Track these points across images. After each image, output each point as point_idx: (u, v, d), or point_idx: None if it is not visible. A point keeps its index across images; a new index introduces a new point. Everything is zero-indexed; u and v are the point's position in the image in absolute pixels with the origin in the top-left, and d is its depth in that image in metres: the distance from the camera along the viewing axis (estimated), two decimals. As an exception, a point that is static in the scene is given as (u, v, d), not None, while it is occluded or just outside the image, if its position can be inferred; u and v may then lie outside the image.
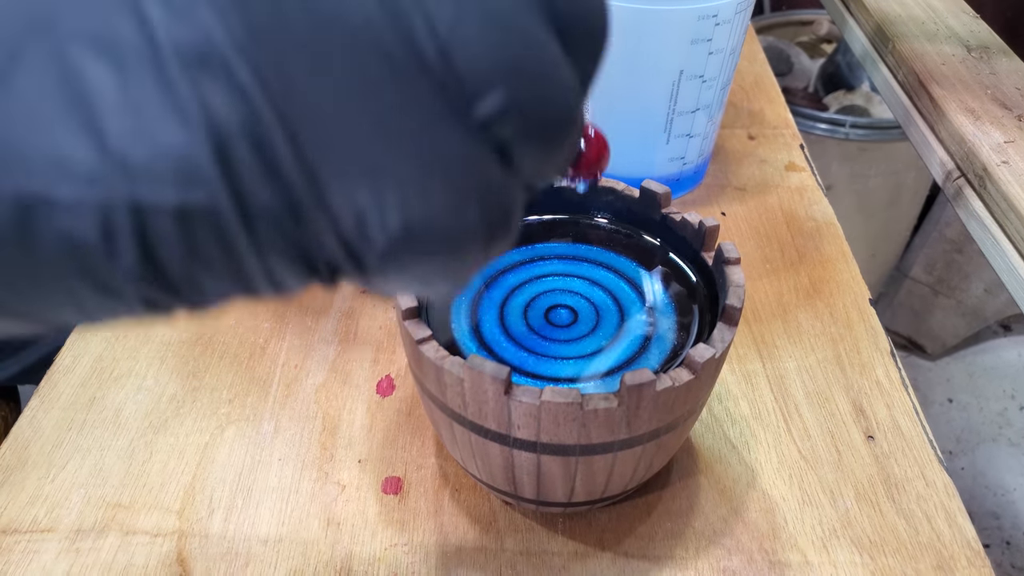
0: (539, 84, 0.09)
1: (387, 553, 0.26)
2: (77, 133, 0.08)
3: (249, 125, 0.08)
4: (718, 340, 0.21)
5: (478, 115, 0.09)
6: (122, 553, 0.26)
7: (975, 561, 0.26)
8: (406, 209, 0.09)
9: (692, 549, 0.26)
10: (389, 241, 0.09)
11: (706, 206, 0.41)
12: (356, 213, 0.09)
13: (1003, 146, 0.37)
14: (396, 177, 0.09)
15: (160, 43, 0.08)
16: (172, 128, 0.08)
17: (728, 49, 0.36)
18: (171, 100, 0.08)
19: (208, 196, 0.08)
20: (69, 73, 0.08)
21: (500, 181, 0.10)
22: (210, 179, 0.08)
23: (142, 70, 0.08)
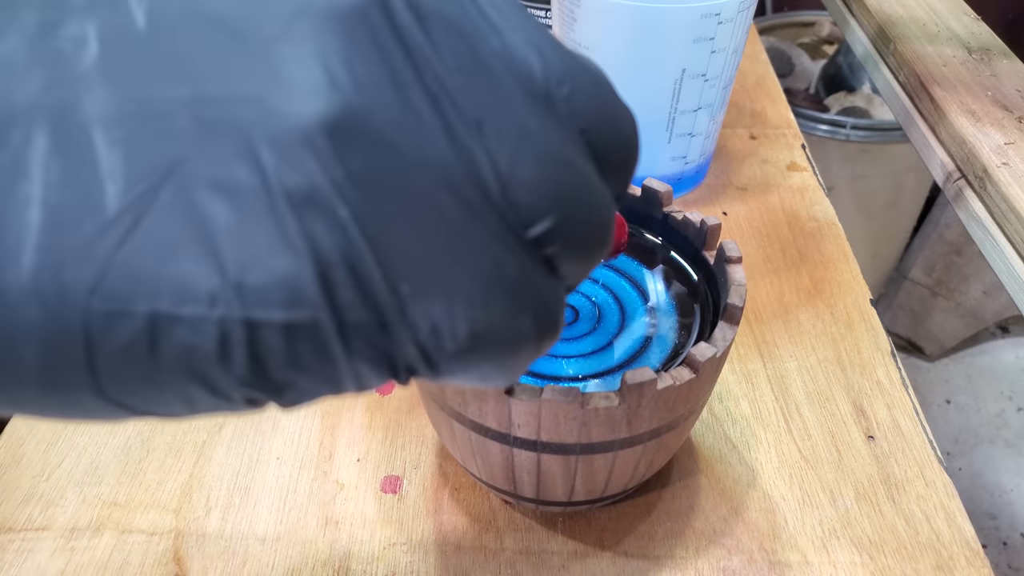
0: (581, 208, 0.11)
1: (386, 552, 0.26)
2: (201, 262, 0.09)
3: (346, 253, 0.09)
4: (719, 339, 0.21)
5: (530, 236, 0.11)
6: (118, 552, 0.26)
7: (974, 561, 0.26)
8: (472, 321, 0.10)
9: (692, 549, 0.26)
10: (458, 347, 0.10)
11: (708, 205, 0.41)
12: (432, 325, 0.10)
13: (1003, 148, 0.37)
14: (464, 293, 0.10)
15: (272, 186, 0.09)
16: (282, 257, 0.09)
17: (730, 48, 0.35)
18: (281, 234, 0.09)
19: (311, 314, 0.09)
20: (195, 212, 0.09)
21: (547, 289, 0.11)
22: (314, 300, 0.09)
23: (257, 209, 0.09)
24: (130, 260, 0.09)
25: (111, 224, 0.09)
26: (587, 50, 0.36)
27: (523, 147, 0.10)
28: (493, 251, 0.10)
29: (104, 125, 0.09)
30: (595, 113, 0.12)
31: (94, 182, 0.09)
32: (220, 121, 0.09)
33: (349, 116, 0.09)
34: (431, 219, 0.10)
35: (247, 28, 0.09)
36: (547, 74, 0.11)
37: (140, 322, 0.09)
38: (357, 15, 0.10)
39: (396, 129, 0.10)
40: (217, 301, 0.09)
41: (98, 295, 0.09)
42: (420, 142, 0.10)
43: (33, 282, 0.09)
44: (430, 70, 0.10)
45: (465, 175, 0.10)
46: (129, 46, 0.09)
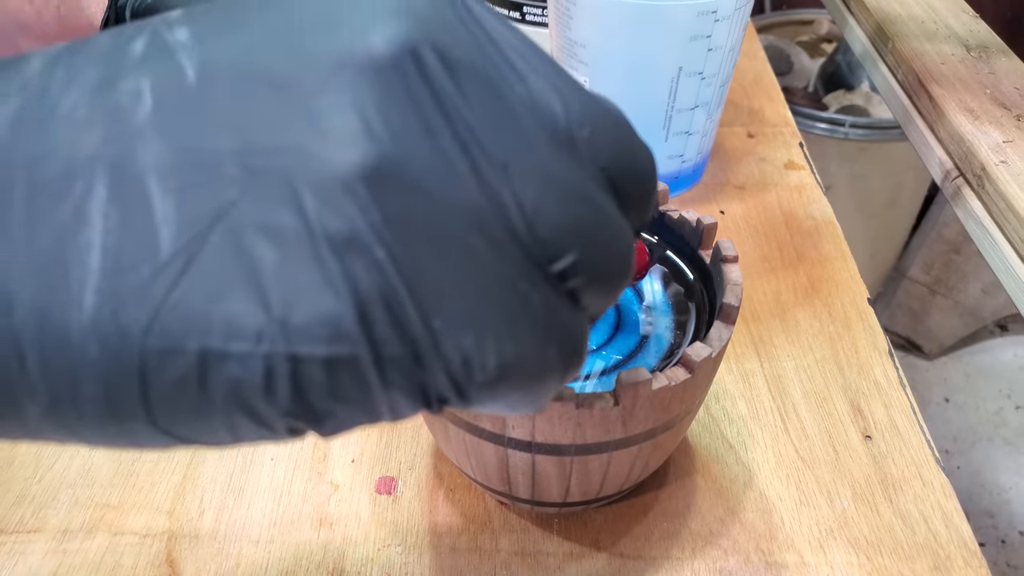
0: (602, 242, 0.12)
1: (380, 554, 0.26)
2: (248, 301, 0.10)
3: (384, 292, 0.10)
4: (715, 339, 0.21)
5: (555, 270, 0.11)
6: (110, 554, 0.26)
7: (971, 561, 0.26)
8: (501, 352, 0.11)
9: (688, 549, 0.26)
10: (487, 378, 0.11)
11: (705, 204, 0.41)
12: (463, 357, 0.11)
13: (1002, 146, 0.37)
14: (493, 327, 0.11)
15: (315, 229, 0.10)
16: (324, 296, 0.10)
17: (728, 46, 0.35)
18: (323, 274, 0.10)
19: (351, 349, 0.10)
20: (243, 254, 0.10)
21: (572, 320, 0.12)
22: (353, 336, 0.10)
23: (301, 250, 0.10)
24: (183, 300, 0.10)
25: (165, 267, 0.10)
26: (583, 48, 0.36)
27: (547, 187, 0.11)
28: (520, 286, 0.11)
29: (158, 174, 0.10)
30: (614, 152, 0.12)
31: (149, 228, 0.10)
32: (266, 169, 0.10)
33: (385, 163, 0.10)
34: (462, 257, 0.10)
35: (290, 81, 0.10)
36: (569, 117, 0.12)
37: (191, 358, 0.10)
38: (392, 67, 0.10)
39: (428, 174, 0.10)
40: (263, 337, 0.10)
41: (153, 333, 0.10)
42: (451, 185, 0.10)
43: (93, 321, 0.10)
44: (459, 118, 0.11)
45: (493, 215, 0.11)
46: (181, 99, 0.10)
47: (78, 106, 0.10)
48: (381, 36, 0.10)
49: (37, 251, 0.10)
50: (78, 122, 0.10)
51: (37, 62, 0.11)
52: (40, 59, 0.11)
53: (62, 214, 0.10)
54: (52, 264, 0.10)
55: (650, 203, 0.14)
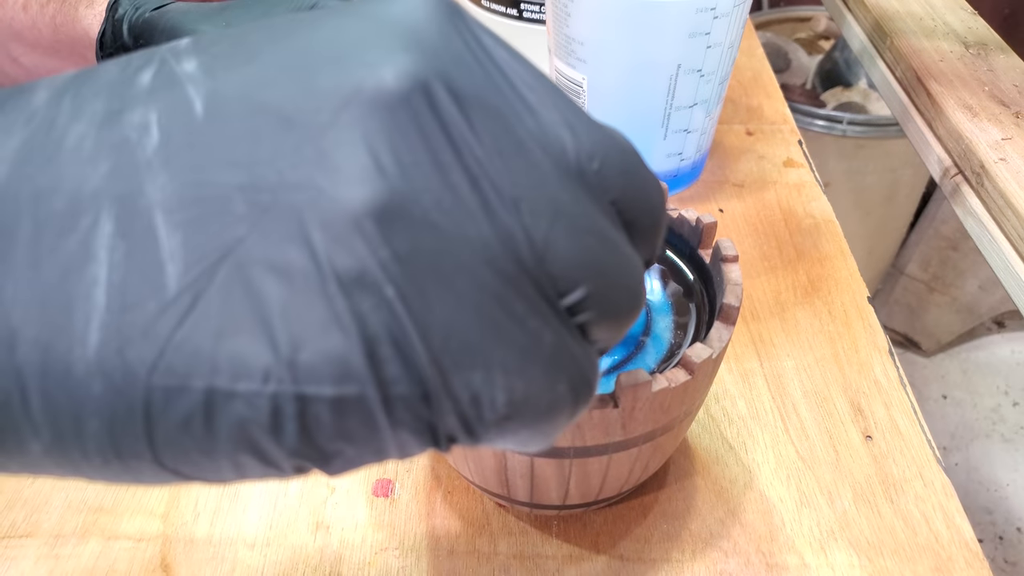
0: (612, 276, 0.12)
1: (377, 557, 0.26)
2: (255, 340, 0.09)
3: (392, 330, 0.10)
4: (715, 340, 0.21)
5: (565, 305, 0.11)
6: (103, 559, 0.26)
7: (973, 563, 0.25)
8: (511, 390, 0.11)
9: (689, 552, 0.26)
10: (497, 416, 0.11)
11: (704, 203, 0.41)
12: (472, 395, 0.10)
13: (1000, 143, 0.37)
14: (503, 364, 0.11)
15: (323, 267, 0.10)
16: (332, 335, 0.10)
17: (726, 43, 0.35)
18: (332, 313, 0.10)
19: (359, 389, 0.10)
20: (250, 291, 0.10)
21: (582, 355, 0.12)
22: (361, 375, 0.10)
23: (309, 289, 0.10)
24: (189, 338, 0.09)
25: (171, 304, 0.09)
26: (581, 45, 0.36)
27: (557, 221, 0.11)
28: (530, 322, 0.11)
29: (165, 209, 0.10)
30: (624, 184, 0.12)
31: (155, 264, 0.10)
32: (274, 205, 0.10)
33: (395, 200, 0.10)
34: (471, 294, 0.10)
35: (299, 115, 0.10)
36: (579, 150, 0.12)
37: (197, 397, 0.10)
38: (402, 102, 0.10)
39: (439, 210, 0.10)
40: (270, 377, 0.10)
41: (159, 372, 0.09)
42: (461, 221, 0.10)
43: (98, 359, 0.09)
44: (470, 152, 0.10)
45: (503, 250, 0.10)
46: (188, 133, 0.10)
47: (85, 139, 0.10)
48: (391, 71, 0.10)
49: (42, 286, 0.09)
50: (84, 155, 0.10)
51: (44, 93, 0.10)
52: (47, 90, 0.11)
53: (68, 249, 0.10)
54: (57, 300, 0.09)
55: (660, 234, 0.13)
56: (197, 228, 0.10)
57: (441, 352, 0.10)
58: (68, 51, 0.27)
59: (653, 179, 0.13)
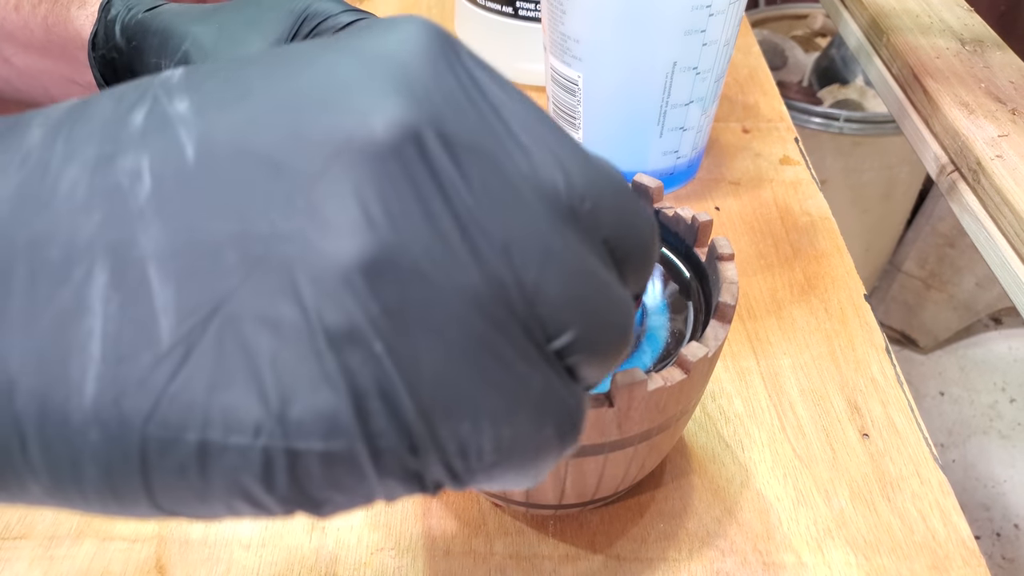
0: (603, 317, 0.12)
1: (373, 558, 0.26)
2: (247, 394, 0.10)
3: (380, 384, 0.10)
4: (711, 338, 0.21)
5: (554, 348, 0.11)
6: (98, 560, 0.25)
7: (970, 560, 0.25)
8: (498, 438, 0.11)
9: (685, 551, 0.26)
10: (484, 464, 0.11)
11: (700, 200, 0.41)
12: (459, 445, 0.11)
13: (997, 140, 0.37)
14: (490, 412, 0.11)
15: (313, 322, 0.10)
16: (321, 391, 0.10)
17: (722, 40, 0.35)
18: (321, 368, 0.10)
19: (347, 443, 0.10)
20: (242, 345, 0.10)
21: (569, 396, 0.12)
22: (350, 430, 0.10)
23: (299, 344, 0.10)
24: (182, 391, 0.10)
25: (165, 357, 0.10)
26: (576, 43, 0.35)
27: (548, 265, 0.11)
28: (518, 368, 0.11)
29: (158, 260, 0.10)
30: (616, 223, 0.12)
31: (149, 315, 0.10)
32: (265, 258, 0.10)
33: (384, 253, 0.10)
34: (461, 342, 0.10)
35: (290, 164, 0.10)
36: (571, 190, 0.12)
37: (191, 448, 0.10)
38: (392, 152, 0.10)
39: (428, 260, 0.10)
40: (261, 431, 0.10)
41: (153, 423, 0.10)
42: (451, 270, 0.10)
43: (94, 409, 0.10)
44: (460, 200, 0.10)
45: (493, 297, 0.10)
46: (180, 180, 0.10)
47: (78, 184, 0.10)
48: (382, 119, 0.10)
49: (39, 337, 0.10)
50: (78, 202, 0.10)
51: (38, 132, 0.11)
52: (40, 128, 0.11)
53: (63, 300, 0.10)
54: (54, 351, 0.10)
55: (650, 269, 0.14)
56: (189, 279, 0.10)
57: (429, 404, 0.10)
58: (60, 51, 0.27)
59: (645, 215, 0.13)
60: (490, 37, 0.48)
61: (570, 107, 0.38)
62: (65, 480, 0.10)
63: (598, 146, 0.39)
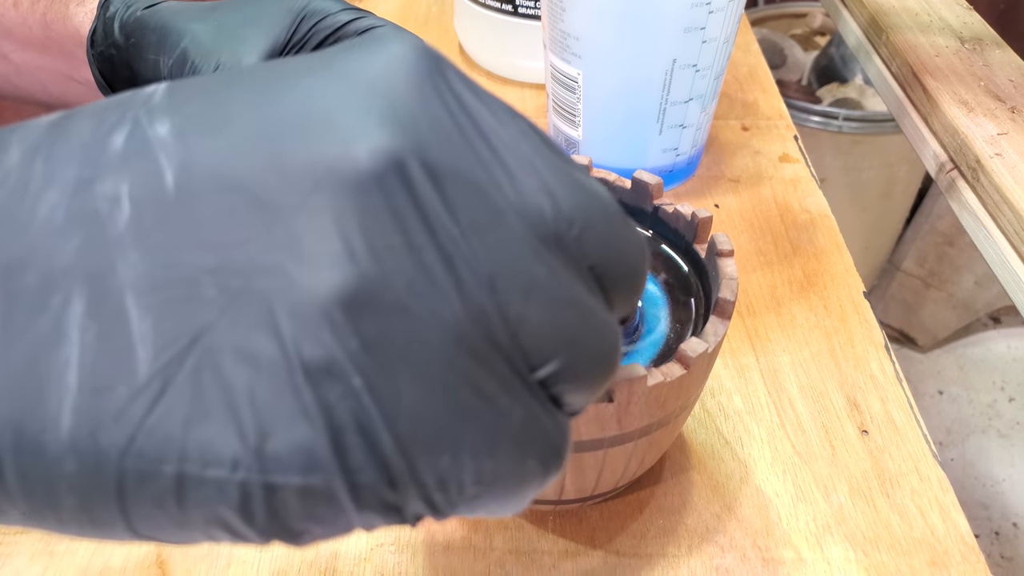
0: (588, 346, 0.12)
1: (373, 553, 0.26)
2: (224, 428, 0.10)
3: (359, 419, 0.10)
4: (711, 334, 0.21)
5: (538, 378, 0.11)
6: (98, 556, 0.25)
7: (969, 556, 0.25)
8: (479, 472, 0.11)
9: (685, 547, 0.26)
10: (463, 497, 0.11)
11: (699, 198, 0.41)
12: (438, 479, 0.10)
13: (996, 138, 0.37)
14: (471, 447, 0.11)
15: (291, 357, 0.10)
16: (299, 426, 0.10)
17: (722, 38, 0.35)
18: (299, 403, 0.10)
19: (325, 478, 0.10)
20: (219, 379, 0.10)
21: (552, 426, 0.11)
22: (328, 466, 0.10)
23: (277, 378, 0.10)
24: (159, 424, 0.10)
25: (142, 389, 0.10)
26: (576, 40, 0.35)
27: (532, 295, 0.11)
28: (500, 401, 0.11)
29: (136, 291, 0.10)
30: (603, 249, 0.12)
31: (126, 347, 0.10)
32: (244, 290, 0.10)
33: (365, 286, 0.10)
34: (442, 376, 0.10)
35: (271, 196, 0.10)
36: (558, 215, 0.11)
37: (168, 480, 0.10)
38: (375, 184, 0.10)
39: (411, 293, 0.10)
40: (239, 466, 0.10)
41: (130, 456, 0.10)
42: (434, 303, 0.10)
43: (71, 441, 0.09)
44: (444, 231, 0.10)
45: (476, 330, 0.10)
46: (159, 208, 0.10)
47: (56, 209, 0.10)
48: (365, 149, 0.10)
49: (15, 365, 0.10)
50: (56, 227, 0.10)
51: (16, 151, 0.10)
52: (19, 147, 0.10)
53: (40, 328, 0.10)
54: (29, 379, 0.10)
55: (639, 294, 0.13)
56: (167, 311, 0.10)
57: (408, 439, 0.10)
58: (58, 49, 0.27)
59: (634, 240, 0.13)
60: (490, 34, 0.48)
61: (570, 104, 0.38)
62: (42, 507, 0.10)
63: (598, 143, 0.39)
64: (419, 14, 0.57)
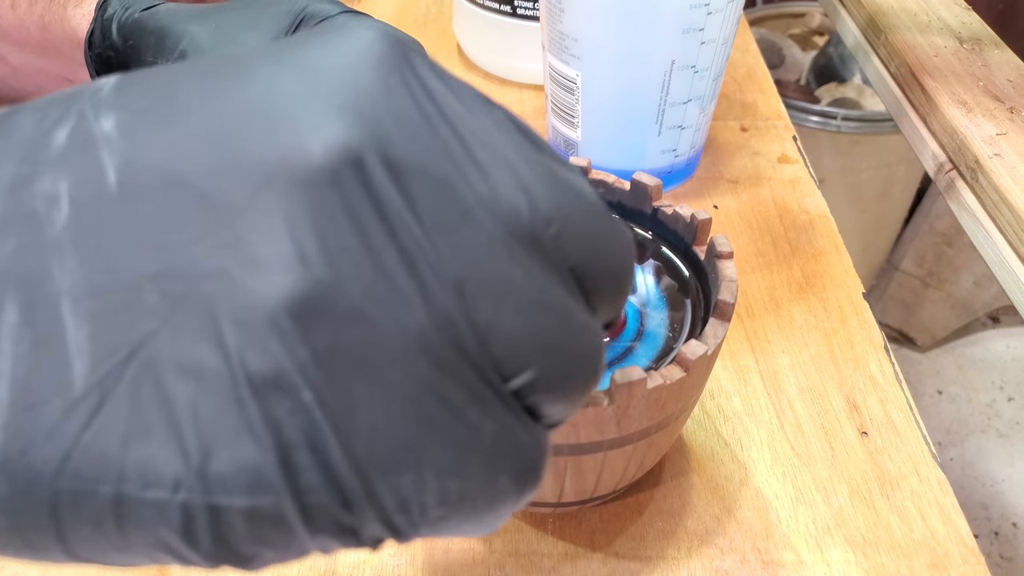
0: (567, 353, 0.11)
1: (372, 556, 0.26)
2: (165, 446, 0.09)
3: (309, 436, 0.09)
4: (710, 336, 0.21)
5: (512, 388, 0.10)
6: (97, 559, 0.25)
7: (969, 559, 0.25)
8: (444, 492, 0.10)
9: (684, 549, 0.26)
10: (427, 519, 0.10)
11: (698, 199, 0.41)
12: (399, 501, 0.10)
13: (995, 138, 0.37)
14: (435, 465, 0.10)
15: (236, 369, 0.09)
16: (244, 444, 0.09)
17: (720, 39, 0.35)
18: (244, 419, 0.09)
19: (273, 499, 0.09)
20: (160, 394, 0.09)
21: (528, 440, 0.11)
22: (275, 486, 0.09)
23: (220, 392, 0.09)
24: (95, 442, 0.09)
25: (77, 403, 0.09)
26: (575, 41, 0.35)
27: (504, 299, 0.10)
28: (468, 414, 0.10)
29: (73, 298, 0.09)
30: (585, 248, 0.11)
31: (62, 358, 0.09)
32: (187, 297, 0.09)
33: (317, 292, 0.09)
34: (403, 388, 0.09)
35: (216, 194, 0.09)
36: (534, 213, 0.10)
37: (106, 502, 0.09)
38: (329, 179, 0.09)
39: (369, 299, 0.09)
40: (180, 486, 0.09)
41: (64, 476, 0.09)
42: (394, 310, 0.09)
43: (1, 461, 0.09)
44: (407, 231, 0.10)
45: (441, 338, 0.10)
46: (99, 208, 0.09)
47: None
48: (319, 143, 0.09)
49: None
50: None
51: None
52: None
53: None
54: None
55: (625, 295, 0.12)
56: (106, 320, 0.09)
57: (365, 458, 0.09)
58: (56, 50, 0.27)
59: (619, 238, 0.12)
60: (488, 35, 0.48)
61: (568, 106, 0.38)
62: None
63: (596, 145, 0.39)
64: (417, 15, 0.57)
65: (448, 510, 0.10)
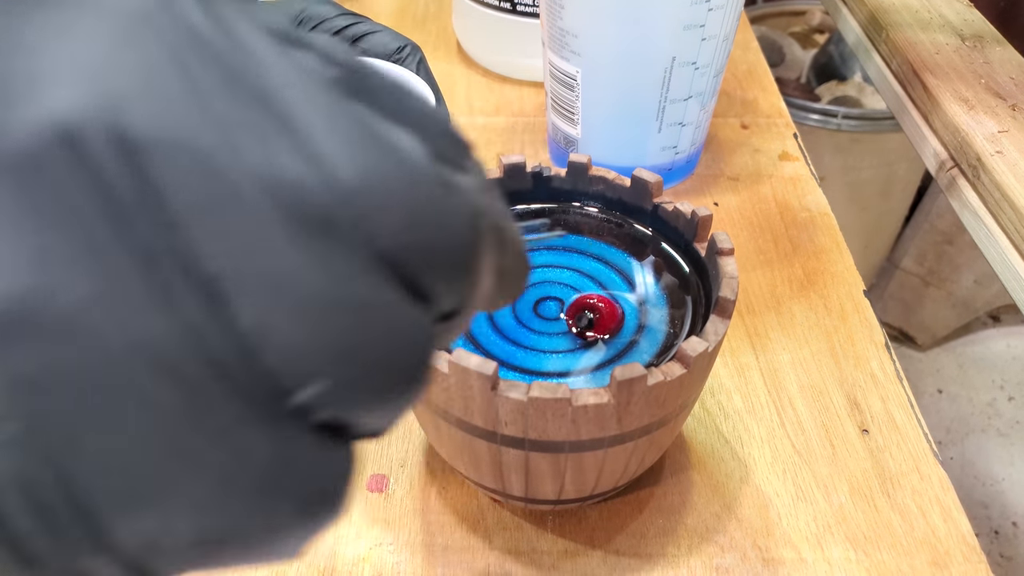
0: (369, 358, 0.09)
1: (372, 553, 0.26)
2: None
3: (19, 475, 0.08)
4: (711, 333, 0.21)
5: (296, 403, 0.09)
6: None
7: (971, 556, 0.25)
8: (201, 529, 0.08)
9: (684, 546, 0.26)
10: (185, 560, 0.09)
11: (699, 196, 0.40)
12: (143, 544, 0.08)
13: (997, 136, 0.37)
14: (187, 499, 0.08)
15: None
16: None
17: (721, 36, 0.35)
18: None
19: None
20: None
21: (319, 462, 0.09)
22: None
23: None
24: None
25: None
26: (575, 38, 0.35)
27: (278, 299, 0.08)
28: (231, 438, 0.08)
29: None
30: (399, 228, 0.09)
31: None
32: None
33: (13, 307, 0.08)
34: (136, 413, 0.08)
35: None
36: (328, 188, 0.08)
37: None
38: (31, 165, 0.08)
39: (84, 311, 0.08)
40: None
41: None
42: (124, 320, 0.08)
43: None
44: (142, 221, 0.08)
45: (188, 350, 0.08)
46: None
47: None
48: (22, 117, 0.08)
49: None
50: None
51: None
52: None
53: None
54: None
55: (464, 276, 0.10)
56: None
57: (90, 497, 0.08)
58: None
59: (456, 207, 0.10)
60: (488, 33, 0.48)
61: (569, 102, 0.38)
62: None
63: (597, 141, 0.39)
64: (417, 12, 0.57)
65: (212, 547, 0.09)
